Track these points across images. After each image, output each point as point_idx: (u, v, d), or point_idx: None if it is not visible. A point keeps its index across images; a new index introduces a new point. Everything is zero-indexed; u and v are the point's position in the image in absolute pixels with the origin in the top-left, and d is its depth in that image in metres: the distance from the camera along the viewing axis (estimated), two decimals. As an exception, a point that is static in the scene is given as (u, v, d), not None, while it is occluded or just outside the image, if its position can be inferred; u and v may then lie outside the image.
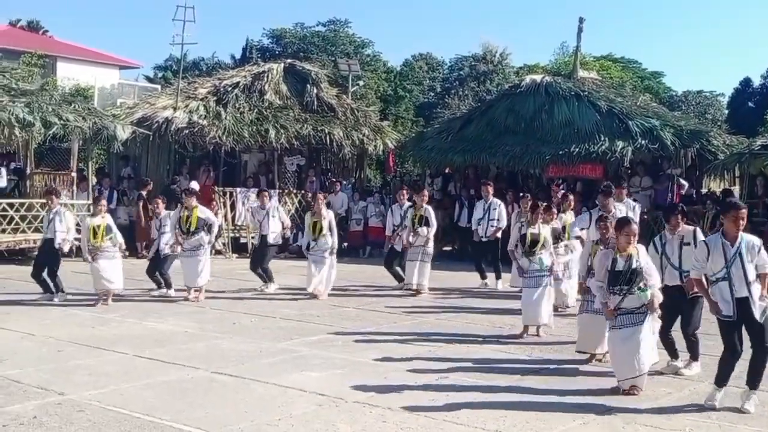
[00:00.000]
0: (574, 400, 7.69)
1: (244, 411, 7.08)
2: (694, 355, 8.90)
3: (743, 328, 7.47)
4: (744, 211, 7.62)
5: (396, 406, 7.26)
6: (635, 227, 8.19)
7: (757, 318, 7.37)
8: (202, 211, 13.73)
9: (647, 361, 7.96)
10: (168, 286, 13.87)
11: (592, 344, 9.28)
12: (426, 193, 15.21)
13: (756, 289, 7.41)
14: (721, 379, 7.52)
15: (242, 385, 7.96)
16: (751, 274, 7.42)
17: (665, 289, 8.36)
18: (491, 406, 7.36)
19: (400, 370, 8.74)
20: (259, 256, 14.91)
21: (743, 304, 7.39)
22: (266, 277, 14.62)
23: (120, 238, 13.24)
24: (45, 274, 13.11)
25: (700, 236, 8.87)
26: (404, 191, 15.60)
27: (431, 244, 14.60)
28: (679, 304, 8.71)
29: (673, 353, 8.90)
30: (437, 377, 8.46)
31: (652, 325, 8.11)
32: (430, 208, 14.64)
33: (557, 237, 12.22)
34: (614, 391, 7.92)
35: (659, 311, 8.14)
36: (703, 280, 7.74)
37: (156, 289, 13.97)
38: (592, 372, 8.82)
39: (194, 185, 17.46)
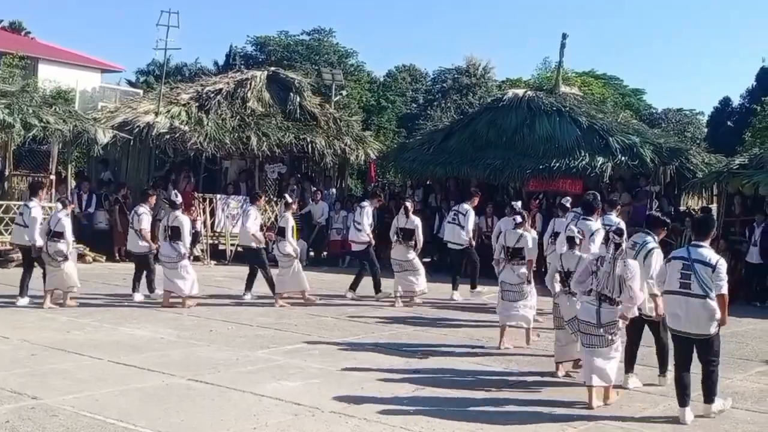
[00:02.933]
0: (550, 412, 7.72)
1: (220, 419, 7.05)
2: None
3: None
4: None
5: (372, 417, 7.25)
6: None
7: None
8: None
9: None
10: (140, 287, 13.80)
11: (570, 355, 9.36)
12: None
13: None
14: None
15: (218, 393, 7.92)
16: None
17: None
18: (467, 419, 7.37)
19: (377, 380, 8.73)
20: None
21: None
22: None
23: None
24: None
25: None
26: (377, 200, 16.02)
27: (412, 255, 14.69)
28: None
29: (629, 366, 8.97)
30: (414, 389, 8.46)
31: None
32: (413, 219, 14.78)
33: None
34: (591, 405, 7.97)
35: None
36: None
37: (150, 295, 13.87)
38: (568, 385, 8.84)
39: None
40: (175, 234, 13.38)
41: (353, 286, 15.14)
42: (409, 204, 15.06)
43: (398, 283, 14.51)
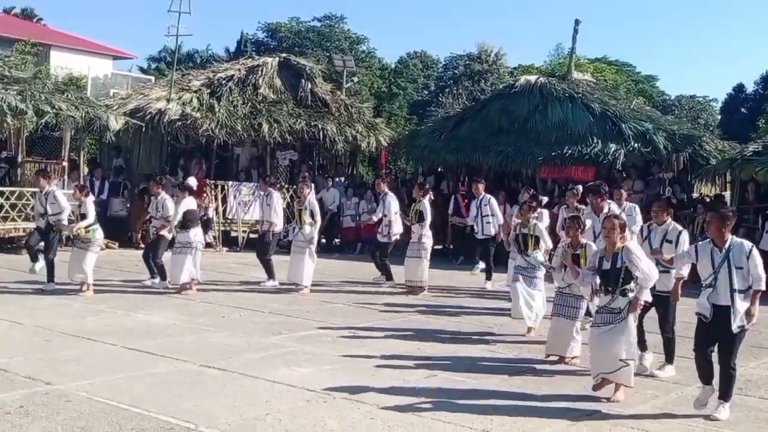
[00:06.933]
0: (562, 400, 7.71)
1: (233, 405, 7.08)
2: (669, 357, 8.92)
3: (717, 338, 7.34)
4: (710, 215, 7.63)
5: (384, 404, 7.26)
6: (614, 221, 7.99)
7: (733, 329, 7.22)
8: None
9: (624, 357, 7.76)
10: (162, 276, 13.79)
11: (561, 348, 9.29)
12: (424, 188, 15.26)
13: (740, 298, 7.26)
14: (704, 379, 7.42)
15: (230, 379, 7.94)
16: (738, 282, 7.28)
17: None
18: (479, 405, 7.37)
19: (389, 367, 8.74)
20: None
21: (724, 313, 7.25)
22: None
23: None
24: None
25: (685, 239, 8.84)
26: (381, 179, 16.40)
27: (426, 240, 14.61)
28: (655, 300, 8.69)
29: (642, 345, 8.84)
30: (426, 375, 8.47)
31: (632, 324, 7.88)
32: (425, 203, 14.67)
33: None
34: (597, 388, 7.90)
35: (637, 311, 8.02)
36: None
37: (148, 279, 13.92)
38: (580, 373, 8.83)
39: (192, 181, 17.12)
40: None
41: (387, 278, 15.20)
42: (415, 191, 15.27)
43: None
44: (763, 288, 7.36)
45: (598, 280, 8.04)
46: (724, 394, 7.37)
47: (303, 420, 6.75)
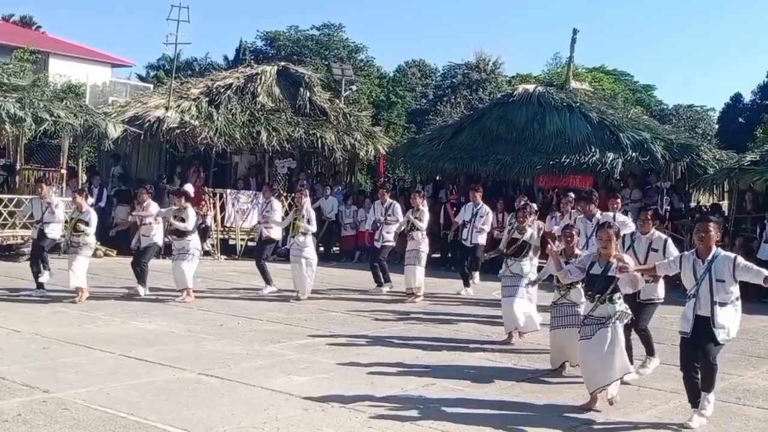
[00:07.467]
0: (559, 409, 7.71)
1: (230, 413, 7.07)
2: (649, 350, 8.95)
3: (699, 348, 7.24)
4: (704, 225, 7.44)
5: (382, 412, 7.25)
6: (609, 231, 7.96)
7: (719, 341, 7.16)
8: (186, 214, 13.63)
9: (618, 369, 7.71)
10: (142, 283, 13.72)
11: (568, 355, 9.23)
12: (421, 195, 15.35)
13: (723, 311, 7.18)
14: (695, 403, 7.33)
15: (228, 388, 7.93)
16: (720, 295, 7.19)
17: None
18: (477, 415, 7.36)
19: (387, 375, 8.73)
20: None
21: (704, 324, 7.17)
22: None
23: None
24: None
25: (672, 248, 8.86)
26: (385, 190, 16.42)
27: (423, 247, 14.67)
28: (634, 308, 8.60)
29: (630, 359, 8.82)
30: (424, 383, 8.46)
31: (620, 333, 7.80)
32: (423, 210, 14.79)
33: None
34: (591, 403, 7.81)
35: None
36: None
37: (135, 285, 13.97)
38: (579, 382, 8.81)
39: (188, 187, 17.17)
40: None
41: (386, 281, 15.42)
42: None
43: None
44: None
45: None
46: (707, 386, 7.29)
47: (301, 428, 6.74)
